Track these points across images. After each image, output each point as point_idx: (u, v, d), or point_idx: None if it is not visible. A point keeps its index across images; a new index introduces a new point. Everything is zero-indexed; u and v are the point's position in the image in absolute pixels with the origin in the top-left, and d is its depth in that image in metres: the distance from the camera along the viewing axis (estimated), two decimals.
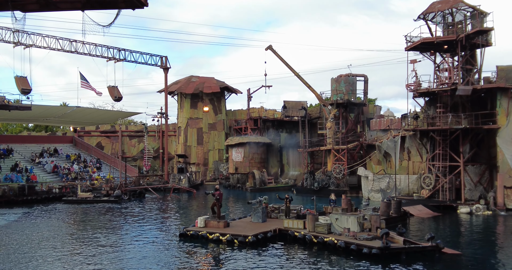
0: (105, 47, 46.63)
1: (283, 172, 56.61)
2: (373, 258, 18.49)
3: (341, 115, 47.89)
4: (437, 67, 36.11)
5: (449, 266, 17.94)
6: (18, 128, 77.05)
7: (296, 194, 44.27)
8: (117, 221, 29.44)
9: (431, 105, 36.97)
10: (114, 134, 63.67)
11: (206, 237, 22.38)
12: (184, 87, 58.82)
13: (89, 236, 23.92)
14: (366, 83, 49.86)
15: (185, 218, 30.60)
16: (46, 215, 32.28)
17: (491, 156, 33.98)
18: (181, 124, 60.52)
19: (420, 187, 36.24)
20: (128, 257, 19.37)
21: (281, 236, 22.93)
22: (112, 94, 46.24)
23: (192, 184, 49.43)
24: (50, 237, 23.71)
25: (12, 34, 40.13)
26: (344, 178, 43.75)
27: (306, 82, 48.17)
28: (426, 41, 34.13)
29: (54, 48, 42.89)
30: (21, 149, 53.13)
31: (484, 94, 34.23)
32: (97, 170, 53.64)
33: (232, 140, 53.86)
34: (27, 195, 38.95)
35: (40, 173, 47.76)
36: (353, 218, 21.68)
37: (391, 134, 39.38)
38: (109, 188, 41.23)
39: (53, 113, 48.27)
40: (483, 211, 31.06)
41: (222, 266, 18.09)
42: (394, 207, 27.53)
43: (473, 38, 33.28)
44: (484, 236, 24.39)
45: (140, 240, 22.92)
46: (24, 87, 39.08)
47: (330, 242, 20.41)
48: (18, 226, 27.53)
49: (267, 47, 49.11)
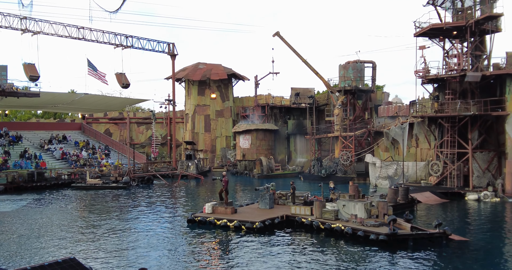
0: (113, 34, 46.55)
1: (290, 159, 56.68)
2: (380, 244, 18.54)
3: (348, 101, 47.70)
4: (446, 53, 35.80)
5: (456, 252, 17.95)
6: (27, 115, 77.49)
7: (303, 181, 44.37)
8: (126, 207, 29.67)
9: (440, 92, 36.73)
10: (122, 121, 63.89)
11: (214, 223, 22.52)
12: (191, 74, 58.77)
13: (97, 222, 24.15)
14: (374, 70, 49.56)
15: (193, 204, 30.79)
16: (55, 201, 32.59)
17: (499, 143, 33.81)
18: (189, 111, 60.58)
19: (428, 174, 36.16)
20: (136, 242, 19.55)
21: (288, 222, 23.02)
22: (120, 81, 46.32)
23: (200, 170, 49.64)
24: (59, 222, 23.97)
25: (20, 21, 40.15)
26: (351, 165, 43.73)
27: (313, 69, 47.94)
28: (435, 27, 33.79)
29: (61, 35, 42.89)
30: (30, 136, 53.48)
31: (493, 81, 33.95)
32: (106, 157, 53.94)
33: (240, 127, 53.90)
34: (36, 182, 39.31)
35: (49, 159, 48.09)
36: (360, 205, 21.70)
37: (399, 120, 39.21)
38: (117, 174, 41.50)
39: (62, 100, 48.49)
40: (491, 198, 30.99)
41: (229, 252, 18.22)
42: (402, 193, 27.52)
43: (482, 23, 32.91)
44: (492, 223, 24.35)
45: (148, 226, 23.11)
46: (32, 74, 39.24)
47: (337, 228, 20.47)
48: (27, 211, 27.82)
49: (274, 33, 48.83)
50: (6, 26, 39.73)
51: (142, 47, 49.67)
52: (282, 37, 48.67)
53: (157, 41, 51.27)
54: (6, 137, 49.81)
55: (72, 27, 43.63)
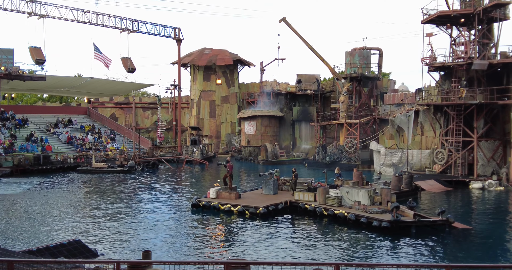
0: (118, 18, 46.48)
1: (295, 146, 56.73)
2: (383, 231, 18.64)
3: (354, 89, 47.56)
4: (453, 41, 35.55)
5: (459, 240, 18.04)
6: (33, 98, 77.73)
7: (308, 167, 44.47)
8: (130, 191, 29.89)
9: (446, 80, 36.56)
10: (127, 106, 63.97)
11: (218, 208, 22.69)
12: (197, 59, 58.63)
13: (102, 205, 24.36)
14: (380, 57, 49.30)
15: (197, 189, 30.97)
16: (60, 184, 32.86)
17: (505, 131, 33.69)
18: (194, 97, 60.58)
19: (432, 162, 36.16)
20: (140, 225, 19.74)
21: (292, 208, 23.16)
22: (126, 65, 46.39)
23: (205, 156, 49.81)
24: (64, 205, 24.19)
25: (26, 4, 40.15)
26: (356, 152, 43.77)
27: (319, 55, 47.78)
28: (443, 14, 33.51)
29: (67, 19, 42.88)
30: (36, 119, 53.70)
31: (500, 69, 33.70)
32: (111, 141, 54.15)
33: (245, 113, 53.92)
34: (42, 165, 39.59)
35: (55, 143, 48.35)
36: (364, 192, 21.78)
37: (404, 108, 39.12)
38: (123, 158, 41.73)
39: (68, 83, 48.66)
40: (495, 187, 30.98)
41: (232, 236, 18.38)
42: (406, 181, 27.57)
43: (490, 11, 32.59)
44: (496, 211, 24.40)
45: (153, 210, 23.31)
46: (38, 58, 39.37)
47: (340, 215, 20.58)
48: (33, 194, 28.08)
49: (281, 19, 48.62)
50: (12, 9, 39.76)
51: (148, 31, 49.62)
52: (288, 23, 48.43)
53: (163, 25, 51.16)
54: (13, 120, 50.04)
55: (78, 10, 43.60)
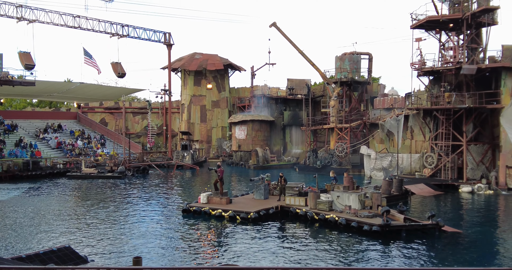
0: (108, 23, 46.36)
1: (286, 150, 56.78)
2: (374, 235, 18.70)
3: (344, 93, 47.78)
4: (442, 45, 35.85)
5: (449, 244, 18.13)
6: (22, 103, 77.14)
7: (299, 172, 44.52)
8: (121, 196, 29.73)
9: (435, 84, 36.82)
10: (117, 111, 63.72)
11: (209, 213, 22.64)
12: (187, 64, 58.59)
13: (93, 211, 24.22)
14: (370, 61, 49.60)
15: (188, 194, 30.88)
16: (50, 190, 32.62)
17: (494, 135, 33.98)
18: (185, 101, 60.50)
19: (422, 166, 36.35)
20: (131, 231, 19.64)
21: (283, 213, 23.17)
22: (116, 70, 46.22)
23: (196, 161, 49.70)
24: (54, 211, 24.00)
25: (16, 9, 39.93)
26: (346, 156, 43.89)
27: (310, 60, 47.93)
28: (432, 19, 33.79)
29: (57, 24, 42.69)
30: (25, 124, 53.33)
31: (488, 73, 34.03)
32: (101, 146, 53.89)
33: (236, 118, 53.92)
34: (32, 170, 39.33)
35: (44, 148, 48.02)
36: (355, 196, 21.85)
37: (394, 112, 39.33)
38: (113, 164, 41.53)
39: (57, 89, 48.31)
40: (484, 191, 31.18)
41: (223, 241, 18.33)
42: (396, 185, 27.70)
43: (479, 16, 32.93)
44: (485, 215, 24.54)
45: (143, 215, 23.20)
46: (27, 63, 39.11)
47: (331, 219, 20.62)
48: (22, 200, 27.85)
49: (271, 24, 48.74)
50: (1, 14, 39.56)
51: (138, 36, 49.53)
52: (279, 28, 48.58)
53: (153, 30, 51.10)
54: (1, 125, 49.66)
55: (68, 15, 43.43)
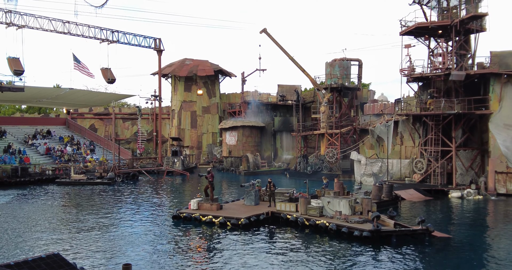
0: (98, 29, 46.23)
1: (277, 156, 56.80)
2: (364, 240, 18.71)
3: (335, 99, 47.95)
4: (431, 52, 36.12)
5: (438, 249, 18.18)
6: (11, 109, 76.57)
7: (289, 177, 44.53)
8: (110, 203, 29.52)
9: (425, 90, 37.07)
10: (107, 117, 63.44)
11: (199, 219, 22.54)
12: (178, 69, 58.54)
13: (82, 218, 24.03)
14: (360, 68, 49.88)
15: (178, 200, 30.74)
16: (39, 196, 32.33)
17: (483, 141, 34.24)
18: (175, 107, 60.39)
19: (412, 171, 36.51)
20: (121, 238, 19.49)
21: (274, 219, 23.13)
22: (105, 76, 46.04)
23: (186, 167, 49.56)
24: (43, 218, 23.79)
25: (5, 14, 39.71)
26: (337, 162, 43.98)
27: (300, 66, 48.09)
28: (421, 25, 34.04)
29: (46, 29, 42.50)
30: (14, 130, 52.93)
31: (477, 80, 34.32)
32: (91, 152, 53.59)
33: (226, 124, 53.89)
34: (20, 177, 39.00)
35: (33, 155, 47.66)
36: (345, 201, 21.87)
37: (384, 118, 39.52)
38: (102, 170, 41.27)
39: (46, 94, 47.99)
40: (474, 196, 31.35)
41: (214, 248, 18.25)
42: (386, 191, 27.79)
43: (467, 23, 33.24)
44: (474, 220, 24.66)
45: (133, 222, 23.05)
46: (16, 68, 38.86)
47: (322, 225, 20.62)
48: (11, 207, 27.56)
49: (261, 30, 48.90)
50: None
51: (128, 42, 49.42)
52: (269, 34, 48.73)
53: (143, 36, 51.03)
54: None
55: (57, 21, 43.26)
